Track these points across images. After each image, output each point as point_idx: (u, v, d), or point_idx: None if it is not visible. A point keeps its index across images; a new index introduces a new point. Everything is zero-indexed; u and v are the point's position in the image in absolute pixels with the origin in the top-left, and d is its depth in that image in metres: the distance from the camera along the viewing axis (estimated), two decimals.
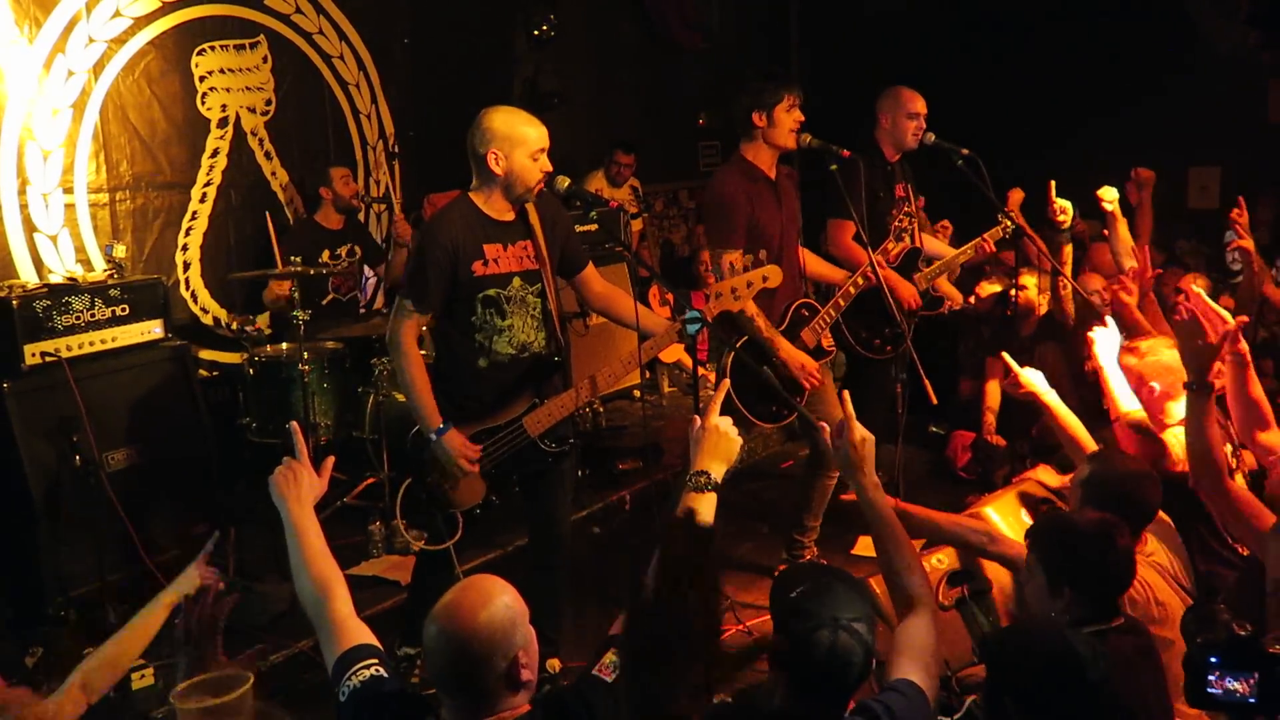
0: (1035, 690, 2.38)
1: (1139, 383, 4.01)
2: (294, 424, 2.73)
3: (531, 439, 3.91)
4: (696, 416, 2.64)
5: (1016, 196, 5.70)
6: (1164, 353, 4.01)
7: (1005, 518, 4.14)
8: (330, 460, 2.67)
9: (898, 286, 5.29)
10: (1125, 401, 4.03)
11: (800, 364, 4.58)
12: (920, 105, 5.33)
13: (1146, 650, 2.88)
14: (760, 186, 4.68)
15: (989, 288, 6.77)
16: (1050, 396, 4.10)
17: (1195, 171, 9.64)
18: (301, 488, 2.56)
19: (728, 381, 2.84)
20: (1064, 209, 5.39)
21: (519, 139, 3.76)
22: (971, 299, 6.78)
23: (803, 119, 4.70)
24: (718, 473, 2.56)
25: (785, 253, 4.76)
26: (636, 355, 3.98)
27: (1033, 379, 4.15)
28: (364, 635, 2.33)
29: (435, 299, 3.81)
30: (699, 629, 1.51)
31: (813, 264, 5.11)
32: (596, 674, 2.12)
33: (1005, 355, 4.35)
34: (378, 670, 2.24)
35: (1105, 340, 4.16)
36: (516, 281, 3.89)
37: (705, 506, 2.48)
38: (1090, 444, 3.94)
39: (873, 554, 5.35)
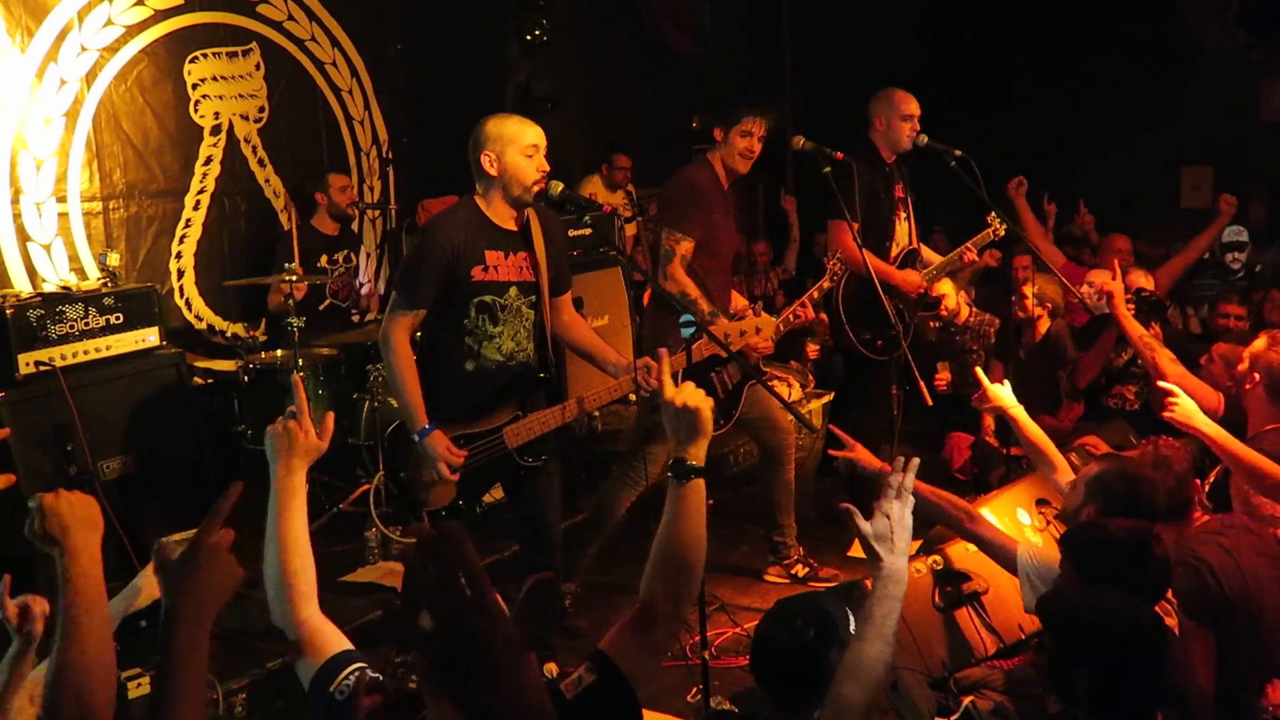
0: (1114, 660, 2.33)
1: None
2: (296, 376, 2.59)
3: (508, 450, 3.91)
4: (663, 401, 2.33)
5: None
6: None
7: (1001, 519, 4.14)
8: (330, 416, 2.47)
9: (901, 277, 5.31)
10: None
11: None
12: (914, 107, 5.34)
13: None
14: (718, 190, 4.76)
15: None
16: (1017, 410, 4.09)
17: (1188, 170, 9.67)
18: (295, 449, 2.37)
19: (665, 350, 2.57)
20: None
21: (510, 137, 3.77)
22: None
23: (758, 150, 4.73)
24: (696, 456, 2.26)
25: (726, 262, 4.86)
26: (623, 382, 3.98)
27: (1001, 393, 4.13)
28: (339, 641, 2.30)
29: (427, 298, 3.81)
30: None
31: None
32: (560, 689, 2.10)
33: (978, 370, 4.35)
34: (372, 672, 2.23)
35: None
36: (513, 291, 3.89)
37: (695, 498, 2.26)
38: (1056, 453, 3.97)
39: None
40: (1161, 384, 4.01)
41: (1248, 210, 8.96)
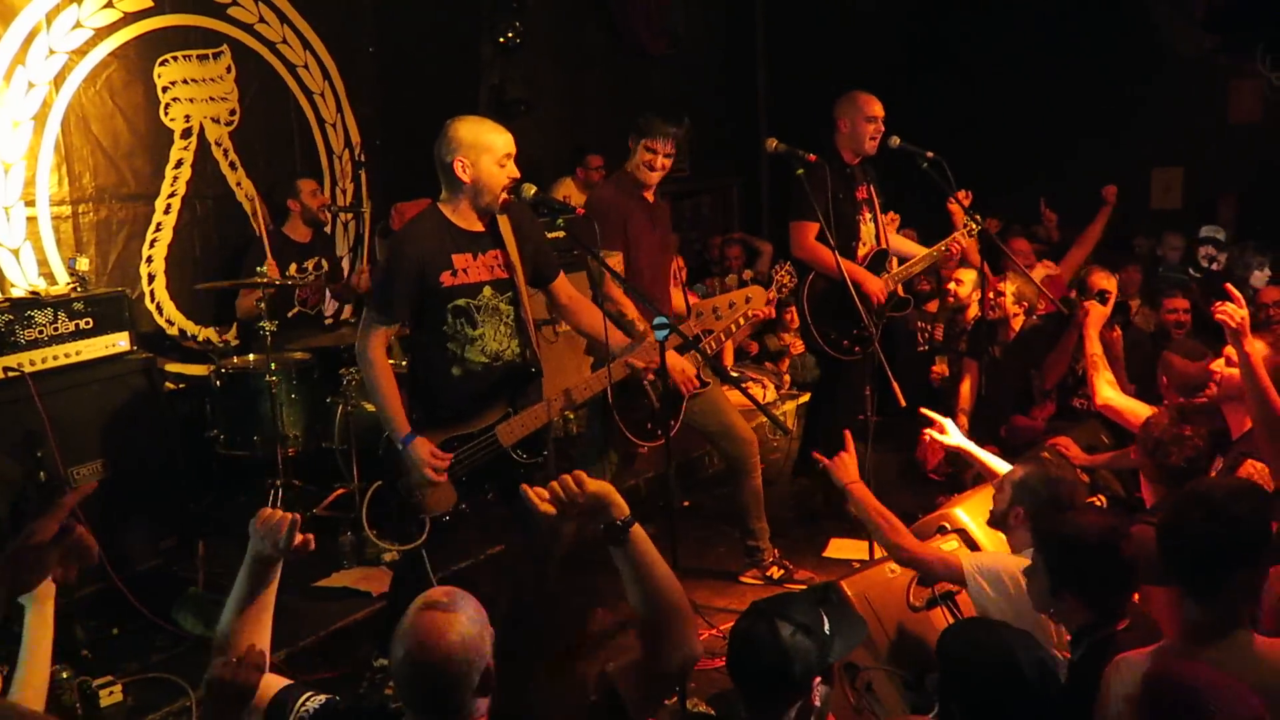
0: (977, 697, 2.39)
1: None
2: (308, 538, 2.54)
3: (504, 448, 3.90)
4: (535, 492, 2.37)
5: (964, 199, 5.72)
6: None
7: (975, 519, 4.17)
8: (309, 538, 2.52)
9: (865, 281, 5.33)
10: None
11: (680, 369, 4.51)
12: (877, 109, 5.37)
13: None
14: (636, 202, 4.79)
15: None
16: (969, 446, 4.33)
17: (1158, 172, 9.75)
18: (279, 553, 2.47)
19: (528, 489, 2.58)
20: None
21: (485, 145, 3.77)
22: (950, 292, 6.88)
23: (659, 167, 4.78)
24: (617, 511, 2.31)
25: (656, 272, 4.86)
26: (608, 370, 3.99)
27: (951, 433, 4.36)
28: (280, 681, 2.34)
29: (401, 310, 3.82)
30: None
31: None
32: None
33: (924, 410, 4.50)
34: (330, 698, 2.24)
35: None
36: (487, 291, 3.89)
37: (641, 545, 2.26)
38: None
39: (843, 556, 5.42)
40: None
41: (1217, 211, 9.06)
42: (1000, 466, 4.21)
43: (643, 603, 2.22)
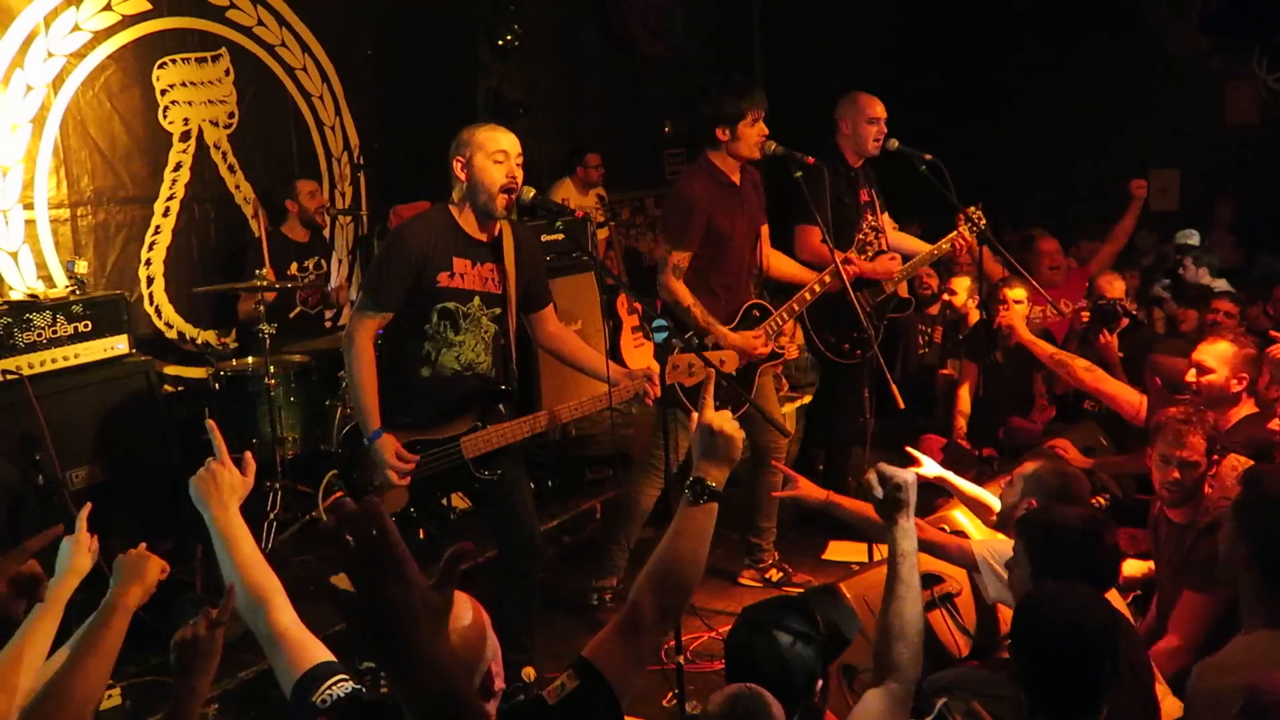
0: (1035, 660, 2.43)
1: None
2: (210, 422, 2.60)
3: (465, 461, 3.90)
4: (695, 414, 2.38)
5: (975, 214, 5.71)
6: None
7: (973, 520, 4.18)
8: (249, 455, 2.53)
9: (873, 271, 5.34)
10: None
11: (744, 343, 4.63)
12: (879, 110, 5.37)
13: (1130, 642, 2.93)
14: (724, 192, 4.76)
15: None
16: (949, 475, 4.30)
17: (1155, 174, 9.75)
18: (222, 490, 2.46)
19: (714, 371, 2.72)
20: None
21: (479, 142, 3.78)
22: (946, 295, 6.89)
23: (767, 132, 4.76)
24: (717, 479, 2.27)
25: (743, 255, 4.85)
26: (603, 396, 3.98)
27: (927, 466, 4.29)
28: (321, 651, 2.30)
29: (394, 299, 3.81)
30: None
31: (784, 266, 5.15)
32: (542, 695, 2.10)
33: (908, 449, 4.45)
34: (356, 685, 2.23)
35: None
36: (476, 301, 3.89)
37: (703, 519, 2.24)
38: (993, 503, 4.07)
39: (842, 558, 5.41)
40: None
41: (1214, 211, 9.08)
42: (979, 493, 4.22)
43: (666, 556, 2.23)
